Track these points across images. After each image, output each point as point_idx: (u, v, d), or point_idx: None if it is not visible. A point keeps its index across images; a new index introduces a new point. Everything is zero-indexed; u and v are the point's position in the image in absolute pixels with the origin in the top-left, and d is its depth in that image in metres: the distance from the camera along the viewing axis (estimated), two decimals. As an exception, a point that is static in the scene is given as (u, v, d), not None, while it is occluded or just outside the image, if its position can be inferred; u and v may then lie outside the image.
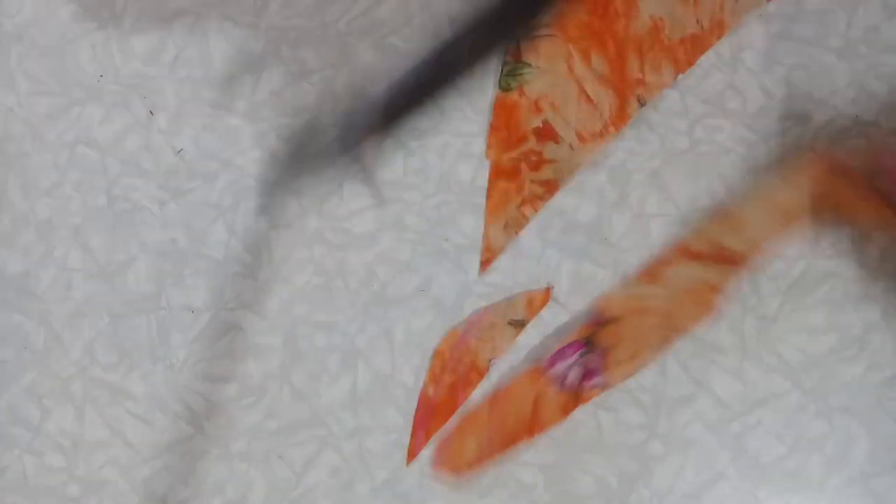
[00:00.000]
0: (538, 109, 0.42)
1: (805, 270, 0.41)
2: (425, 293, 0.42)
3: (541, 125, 0.42)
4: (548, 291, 0.41)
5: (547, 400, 0.41)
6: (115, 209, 0.44)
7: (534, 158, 0.42)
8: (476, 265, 0.42)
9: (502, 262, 0.42)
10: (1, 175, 0.44)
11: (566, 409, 0.40)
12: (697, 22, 0.41)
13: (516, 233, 0.42)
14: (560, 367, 0.41)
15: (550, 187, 0.42)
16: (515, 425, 0.41)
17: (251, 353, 0.43)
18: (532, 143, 0.42)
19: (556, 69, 0.42)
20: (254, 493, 0.42)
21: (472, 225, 0.42)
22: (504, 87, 0.42)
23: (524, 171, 0.42)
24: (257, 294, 0.43)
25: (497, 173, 0.42)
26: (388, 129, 0.41)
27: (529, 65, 0.42)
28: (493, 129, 0.42)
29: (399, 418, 0.42)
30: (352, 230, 0.43)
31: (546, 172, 0.42)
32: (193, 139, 0.43)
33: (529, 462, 0.42)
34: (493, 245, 0.42)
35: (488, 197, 0.42)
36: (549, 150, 0.42)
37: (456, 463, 0.41)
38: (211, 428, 0.43)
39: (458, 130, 0.42)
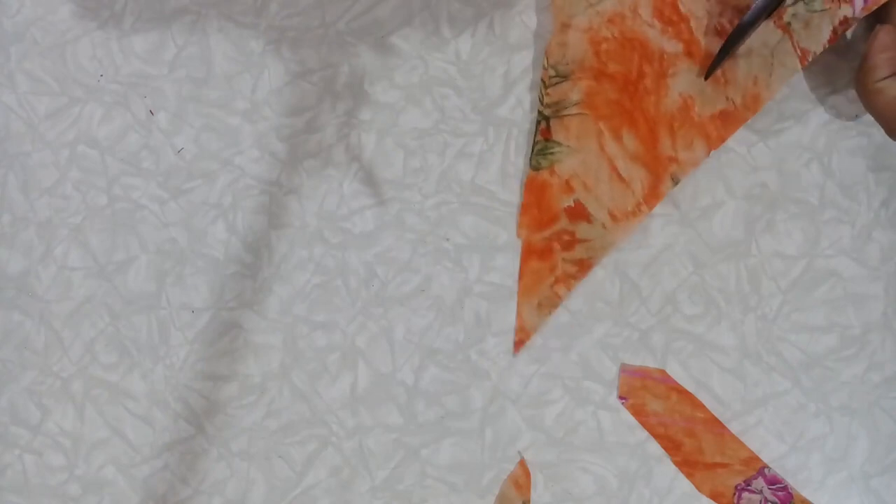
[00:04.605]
0: (569, 189, 0.41)
1: (805, 270, 0.41)
2: (425, 293, 0.42)
3: (572, 204, 0.41)
4: None
5: None
6: (115, 209, 0.43)
7: (566, 238, 0.41)
8: (476, 264, 0.42)
9: (502, 261, 0.42)
10: (1, 175, 0.44)
11: None
12: (728, 99, 0.40)
13: (550, 312, 0.41)
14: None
15: (583, 266, 0.41)
16: None
17: (251, 352, 0.43)
18: (564, 222, 0.41)
19: (587, 148, 0.41)
20: (254, 492, 0.43)
21: (471, 224, 0.42)
22: (535, 167, 0.41)
23: (556, 250, 0.41)
24: (257, 294, 0.43)
25: (529, 253, 0.41)
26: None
27: (560, 143, 0.41)
28: (524, 208, 0.41)
29: (399, 418, 0.42)
30: (352, 230, 0.43)
31: (579, 252, 0.41)
32: (193, 139, 0.43)
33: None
34: (527, 325, 0.41)
35: (521, 276, 0.41)
36: (582, 229, 0.41)
37: None
38: (211, 427, 0.43)
39: (459, 130, 0.42)
